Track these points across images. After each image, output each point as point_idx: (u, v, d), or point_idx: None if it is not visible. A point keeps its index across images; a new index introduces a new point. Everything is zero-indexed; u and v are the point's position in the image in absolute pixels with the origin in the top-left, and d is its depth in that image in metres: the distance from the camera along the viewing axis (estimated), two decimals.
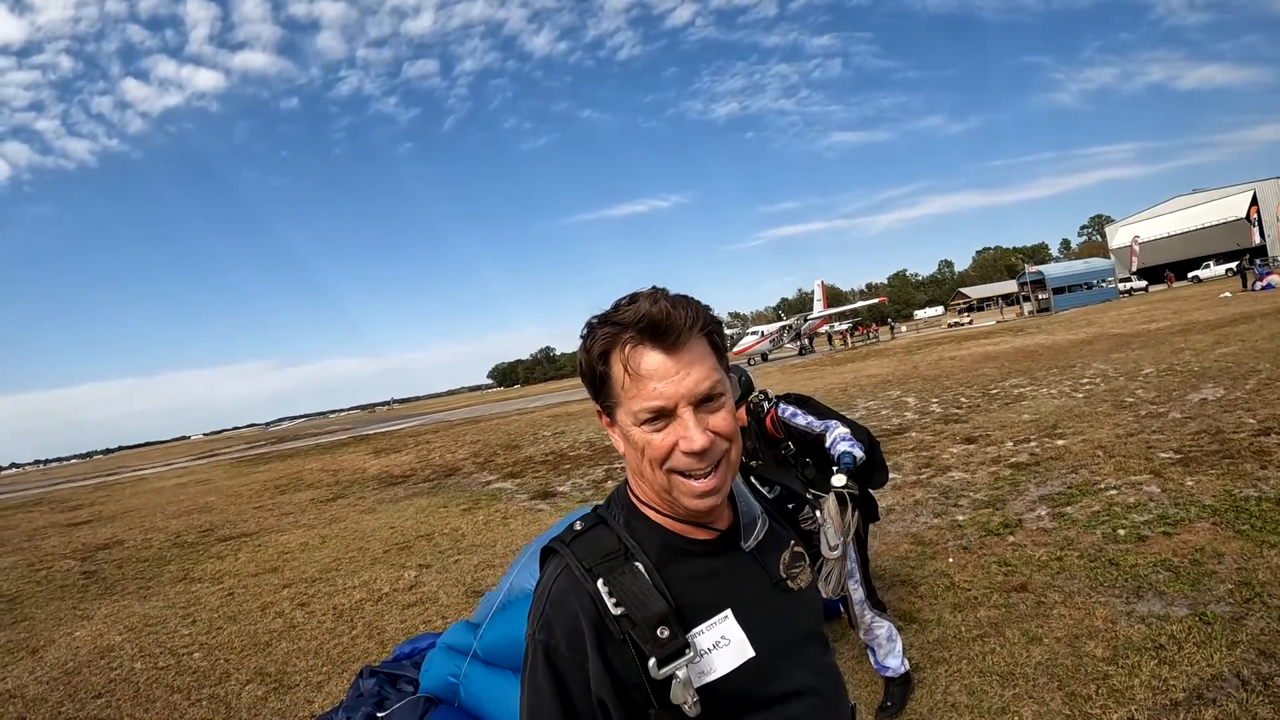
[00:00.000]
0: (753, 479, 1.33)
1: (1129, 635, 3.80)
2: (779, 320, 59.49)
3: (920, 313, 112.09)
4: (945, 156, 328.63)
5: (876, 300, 69.41)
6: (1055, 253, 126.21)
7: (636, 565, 1.07)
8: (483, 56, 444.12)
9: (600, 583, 1.05)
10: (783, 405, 3.92)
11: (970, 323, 55.88)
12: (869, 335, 61.42)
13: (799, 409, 3.87)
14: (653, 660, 0.99)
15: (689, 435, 1.03)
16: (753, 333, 53.03)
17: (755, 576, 1.16)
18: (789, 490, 1.34)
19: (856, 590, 3.77)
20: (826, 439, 3.68)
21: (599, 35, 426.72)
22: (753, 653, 1.08)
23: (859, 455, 3.48)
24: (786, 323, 54.66)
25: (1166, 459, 6.92)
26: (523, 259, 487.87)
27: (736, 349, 49.59)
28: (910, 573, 5.25)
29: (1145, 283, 59.10)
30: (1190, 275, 56.76)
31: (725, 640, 1.08)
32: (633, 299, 1.07)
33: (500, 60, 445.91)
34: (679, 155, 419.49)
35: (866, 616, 3.75)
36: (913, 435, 10.79)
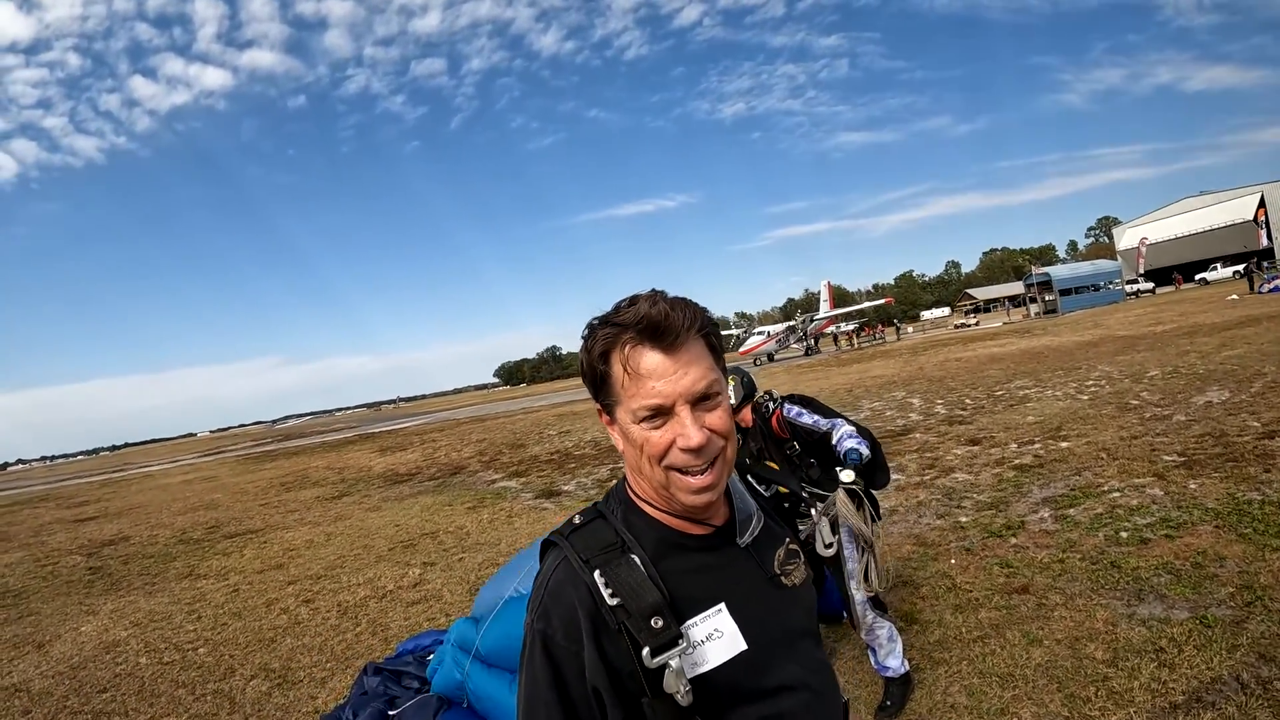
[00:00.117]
0: (749, 477, 1.35)
1: (1129, 638, 3.80)
2: (785, 321, 59.43)
3: (927, 313, 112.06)
4: (952, 157, 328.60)
5: (883, 301, 69.35)
6: (1062, 254, 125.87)
7: (633, 558, 1.10)
8: (490, 55, 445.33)
9: (597, 574, 1.07)
10: (788, 405, 3.93)
11: (977, 324, 55.77)
12: (874, 336, 61.40)
13: (804, 409, 3.88)
14: (646, 649, 1.02)
15: (686, 432, 1.06)
16: (759, 333, 53.01)
17: (750, 572, 1.19)
18: (785, 489, 1.36)
19: (859, 591, 3.79)
20: (833, 436, 3.69)
21: (606, 35, 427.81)
22: (745, 646, 1.10)
23: (865, 453, 3.51)
24: (792, 323, 54.61)
25: (1170, 462, 6.91)
26: (529, 258, 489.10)
27: (743, 349, 49.63)
28: (912, 574, 5.26)
29: (1152, 285, 58.91)
30: (1197, 277, 56.56)
31: (718, 633, 1.10)
32: (633, 301, 1.10)
33: (507, 59, 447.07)
34: (686, 155, 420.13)
35: (868, 617, 3.76)
36: (917, 436, 10.79)
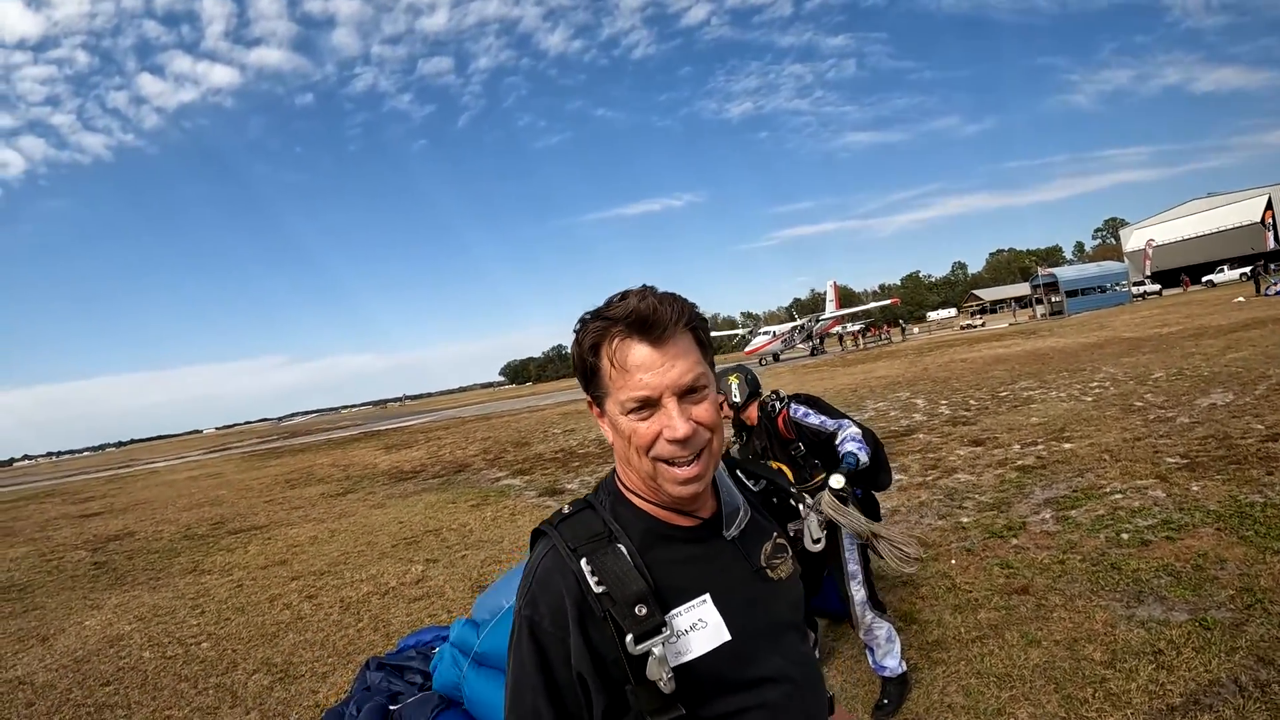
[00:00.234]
0: (738, 472, 1.36)
1: (1128, 640, 3.80)
2: (791, 320, 59.34)
3: (933, 314, 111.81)
4: (959, 157, 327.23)
5: (889, 301, 69.25)
6: (1069, 255, 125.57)
7: (619, 547, 1.12)
8: (497, 54, 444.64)
9: (584, 562, 1.10)
10: (794, 405, 3.92)
11: (982, 325, 55.60)
12: (880, 336, 61.31)
13: (810, 409, 3.87)
14: (630, 636, 1.04)
15: (673, 424, 1.08)
16: (764, 333, 52.94)
17: (736, 564, 1.20)
18: (774, 484, 1.38)
19: (859, 591, 3.80)
20: (838, 437, 3.70)
21: (614, 34, 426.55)
22: (729, 636, 1.12)
23: (863, 460, 3.50)
24: (798, 323, 54.51)
25: (1173, 464, 6.89)
26: (536, 257, 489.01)
27: (748, 349, 49.59)
28: (912, 573, 5.26)
29: (1159, 286, 58.71)
30: (1204, 279, 56.36)
31: (702, 623, 1.12)
32: (623, 296, 1.13)
33: (515, 58, 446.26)
34: (692, 154, 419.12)
35: (867, 617, 3.77)
36: (920, 437, 10.78)
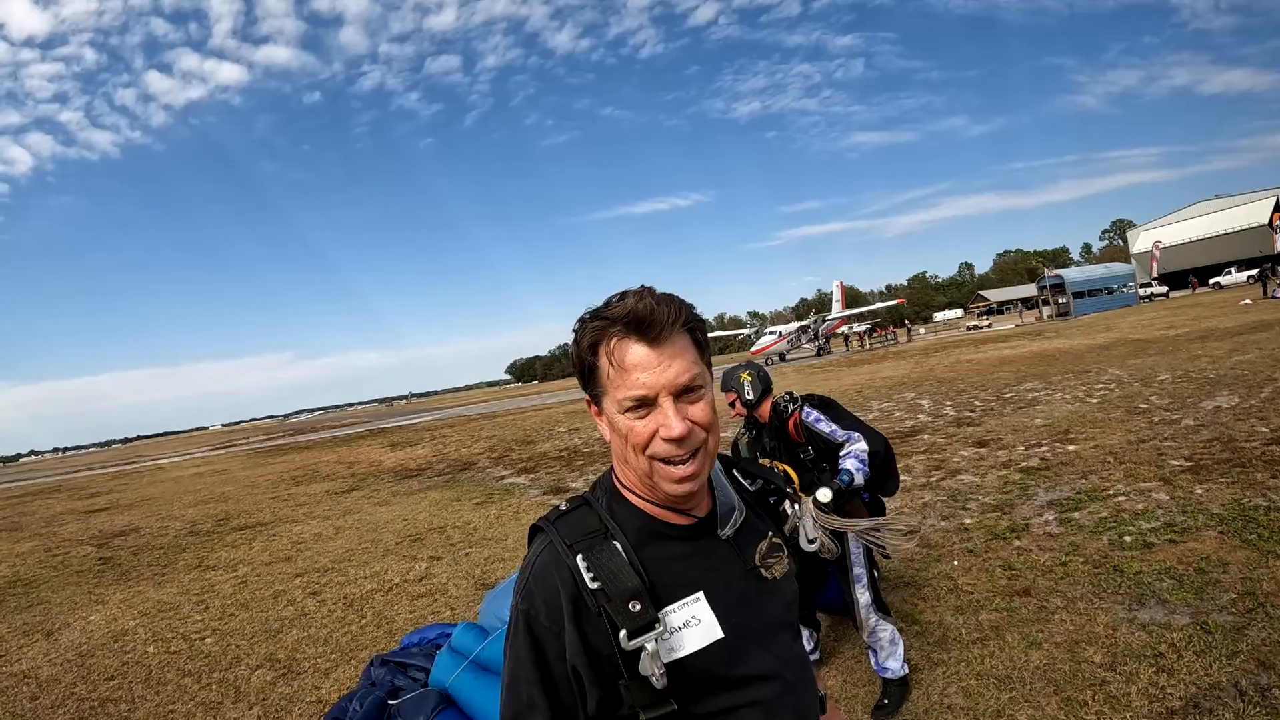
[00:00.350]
0: (735, 471, 1.37)
1: (1129, 642, 3.80)
2: (797, 320, 59.27)
3: (939, 315, 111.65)
4: (967, 158, 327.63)
5: (895, 302, 69.10)
6: (1076, 257, 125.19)
7: (614, 544, 1.14)
8: (505, 53, 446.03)
9: (580, 558, 1.11)
10: (807, 409, 3.86)
11: (989, 326, 55.47)
12: (886, 337, 61.18)
13: (822, 414, 3.82)
14: (623, 632, 1.06)
15: (668, 423, 1.09)
16: (770, 332, 52.92)
17: (730, 563, 1.22)
18: (771, 484, 1.39)
19: (864, 594, 3.80)
20: (844, 449, 3.69)
21: (621, 33, 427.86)
22: (721, 634, 1.13)
23: (858, 481, 3.54)
24: (805, 323, 54.46)
25: (1177, 466, 6.87)
26: (543, 255, 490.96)
27: (754, 348, 49.57)
28: (915, 575, 5.26)
29: (1166, 288, 58.46)
30: (1211, 281, 56.10)
31: (695, 620, 1.13)
32: (622, 296, 1.14)
33: (522, 57, 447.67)
34: (700, 154, 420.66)
35: (871, 619, 3.78)
36: (925, 438, 10.76)
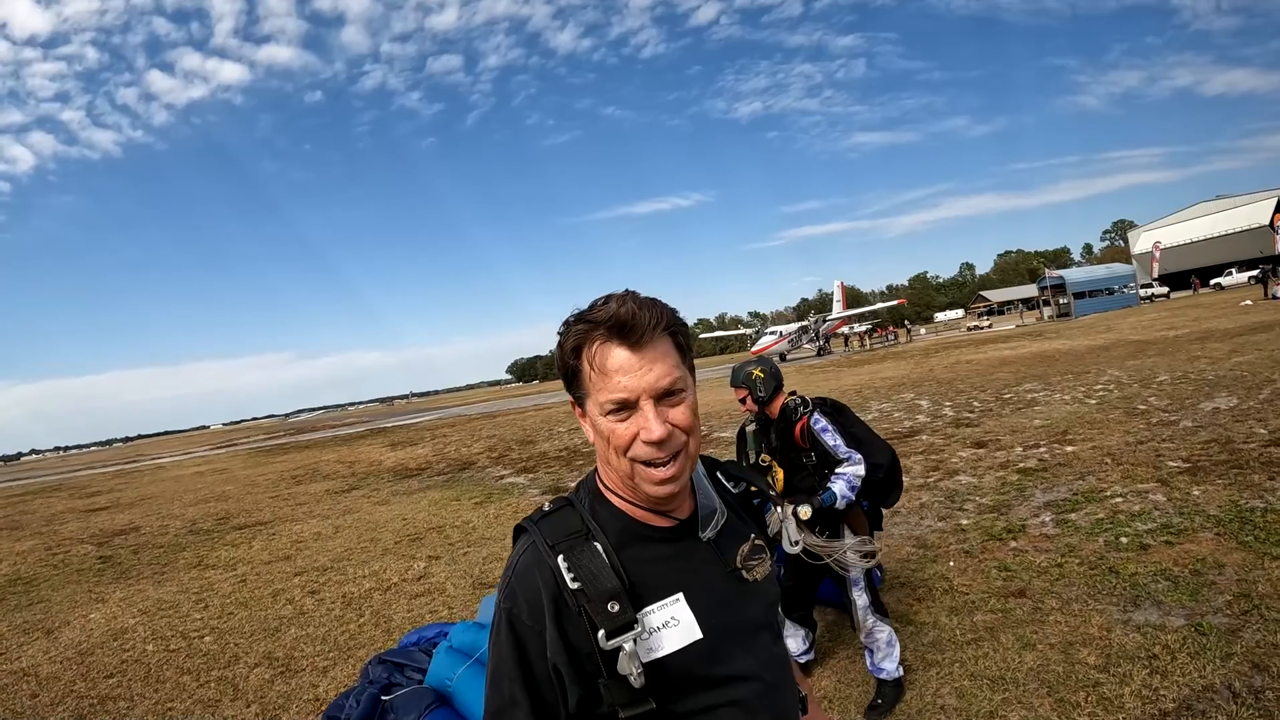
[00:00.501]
0: (719, 473, 1.39)
1: (1123, 644, 3.81)
2: (798, 320, 59.25)
3: (940, 315, 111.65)
4: (968, 158, 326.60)
5: (896, 302, 69.10)
6: (1077, 257, 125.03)
7: (595, 545, 1.15)
8: (506, 53, 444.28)
9: (561, 559, 1.13)
10: (816, 416, 3.80)
11: (989, 326, 55.40)
12: (886, 337, 61.18)
13: (831, 424, 3.77)
14: (602, 632, 1.07)
15: (649, 426, 1.11)
16: (771, 332, 52.93)
17: (711, 565, 1.23)
18: (755, 486, 1.40)
19: (861, 596, 3.81)
20: (840, 467, 3.71)
21: (623, 33, 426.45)
22: (700, 635, 1.15)
23: (839, 505, 3.63)
24: (805, 323, 54.46)
25: (1174, 468, 6.88)
26: (544, 255, 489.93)
27: (754, 348, 49.58)
28: (911, 575, 5.27)
29: (1167, 289, 58.44)
30: (1212, 282, 56.07)
31: (675, 621, 1.15)
32: (605, 300, 1.16)
33: (524, 57, 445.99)
34: (702, 154, 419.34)
35: (869, 621, 3.79)
36: (923, 438, 10.77)
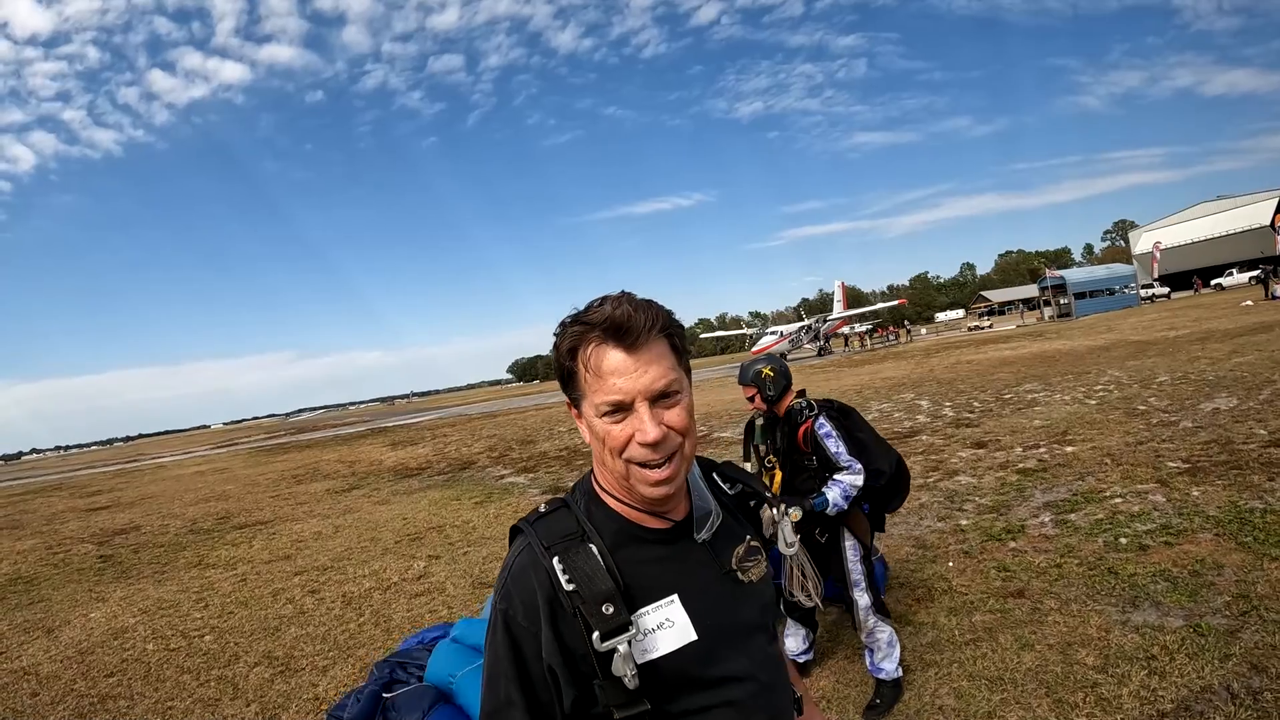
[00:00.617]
0: (715, 475, 1.39)
1: (1122, 645, 3.81)
2: (799, 320, 59.20)
3: (941, 315, 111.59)
4: (969, 158, 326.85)
5: (896, 302, 69.04)
6: (1078, 257, 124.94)
7: (590, 547, 1.16)
8: (508, 52, 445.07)
9: (556, 560, 1.14)
10: (821, 420, 3.78)
11: (990, 327, 55.36)
12: (887, 337, 61.14)
13: (835, 429, 3.75)
14: (596, 634, 1.08)
15: (644, 428, 1.11)
16: (771, 332, 52.89)
17: (706, 566, 1.24)
18: (750, 488, 1.40)
19: (862, 597, 3.82)
20: (838, 474, 3.71)
21: (624, 32, 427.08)
22: (695, 636, 1.15)
23: (830, 512, 3.66)
24: (806, 323, 54.42)
25: (1174, 468, 6.88)
26: (545, 255, 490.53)
27: (755, 348, 49.54)
28: (910, 575, 5.27)
29: (1168, 289, 58.41)
30: (1213, 282, 56.04)
31: (669, 622, 1.15)
32: (602, 301, 1.16)
33: (525, 56, 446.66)
34: (703, 154, 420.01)
35: (870, 621, 3.80)
36: (923, 439, 10.77)
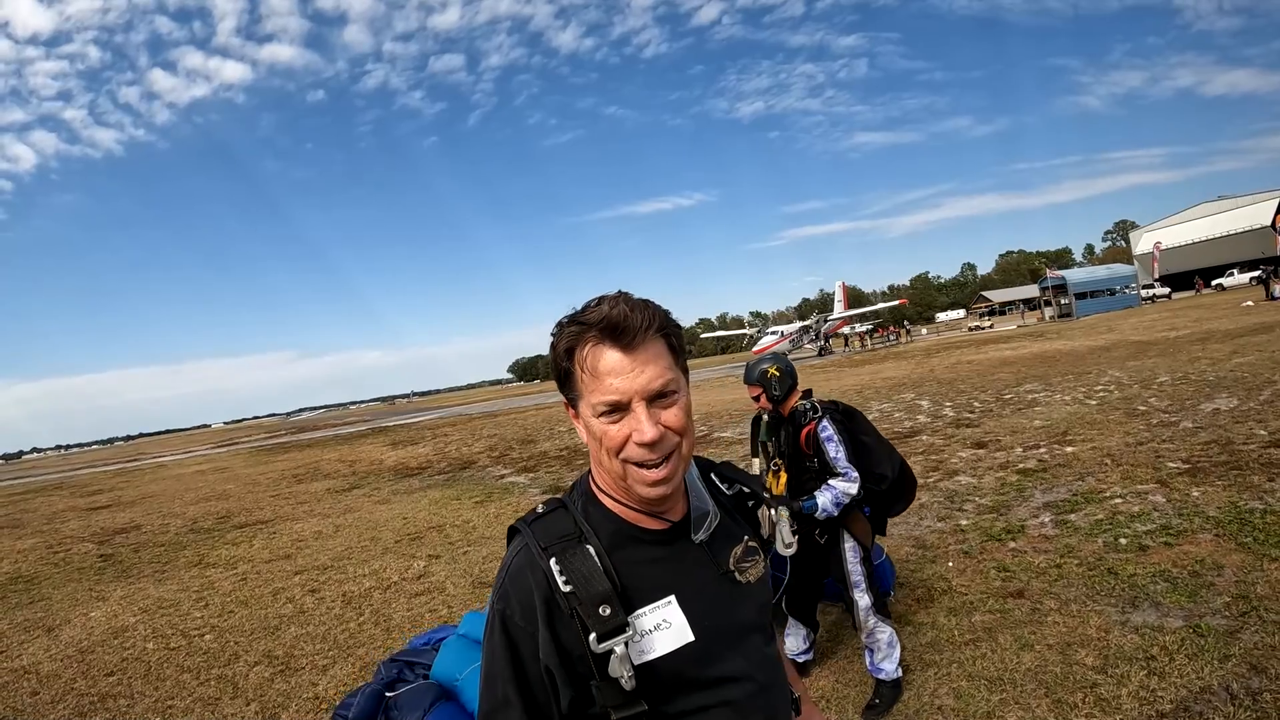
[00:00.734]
0: (713, 475, 1.39)
1: (1121, 645, 3.81)
2: (800, 320, 59.17)
3: (941, 315, 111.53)
4: (970, 159, 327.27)
5: (898, 302, 69.03)
6: (1079, 258, 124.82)
7: (588, 548, 1.16)
8: (509, 52, 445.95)
9: (553, 561, 1.13)
10: (824, 424, 3.77)
11: (991, 327, 55.34)
12: (887, 337, 61.11)
13: (837, 433, 3.74)
14: (593, 635, 1.08)
15: (641, 428, 1.11)
16: (772, 332, 52.90)
17: (703, 567, 1.23)
18: (748, 488, 1.40)
19: (862, 598, 3.82)
20: (833, 478, 3.71)
21: (625, 32, 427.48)
22: (692, 637, 1.15)
23: (818, 515, 3.66)
24: (806, 323, 54.40)
25: (1174, 469, 6.88)
26: (545, 255, 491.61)
27: (756, 348, 49.55)
28: (909, 575, 5.27)
29: (1169, 289, 58.37)
30: (1214, 283, 56.01)
31: (666, 623, 1.15)
32: (599, 301, 1.16)
33: (526, 56, 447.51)
34: (703, 153, 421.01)
35: (870, 621, 3.80)
36: (924, 439, 10.77)
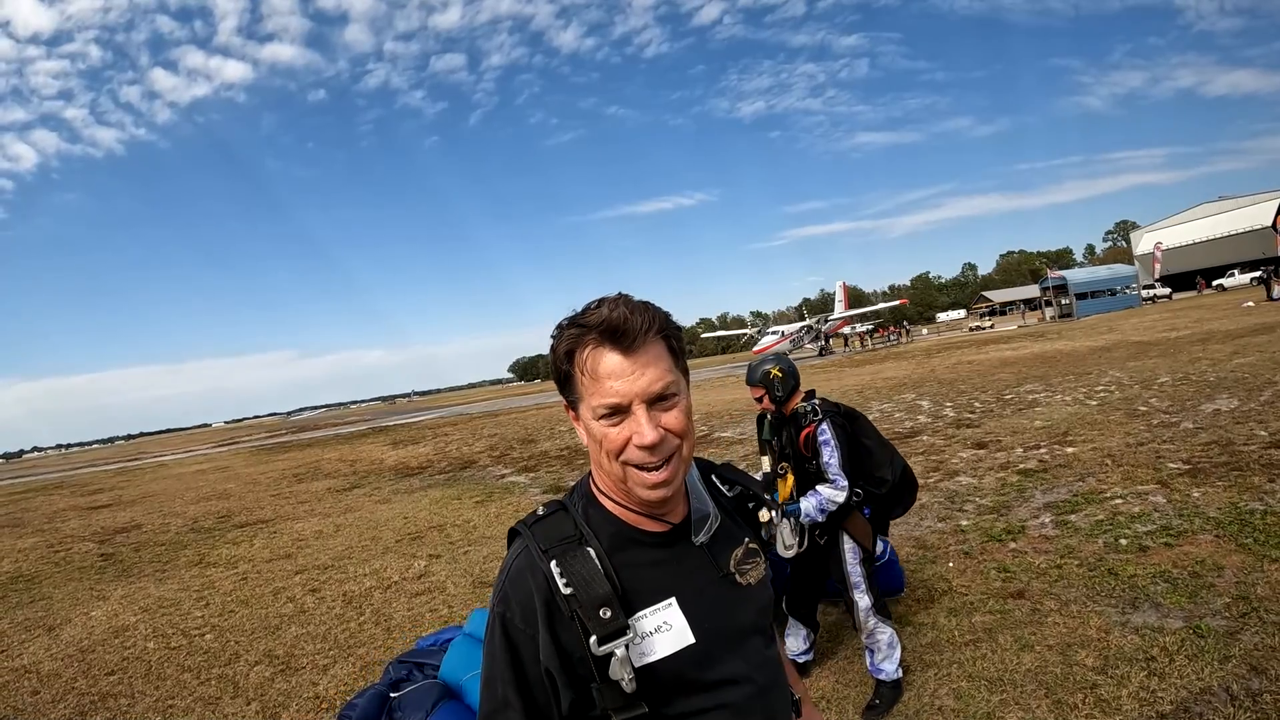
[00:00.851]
0: (713, 476, 1.39)
1: (1121, 646, 3.81)
2: (800, 320, 59.14)
3: (942, 315, 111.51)
4: (971, 159, 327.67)
5: (898, 302, 69.02)
6: (1080, 258, 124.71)
7: (588, 550, 1.16)
8: (510, 52, 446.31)
9: (554, 564, 1.13)
10: (822, 427, 3.75)
11: (991, 327, 55.31)
12: (888, 337, 61.08)
13: (835, 437, 3.73)
14: (594, 638, 1.08)
15: (641, 430, 1.11)
16: (773, 332, 52.88)
17: (703, 569, 1.23)
18: (749, 490, 1.40)
19: (863, 599, 3.82)
20: (824, 481, 3.72)
21: (627, 32, 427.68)
22: (693, 639, 1.15)
23: (802, 519, 3.67)
24: (807, 323, 54.38)
25: (1175, 469, 6.88)
26: (546, 254, 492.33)
27: (756, 348, 49.56)
28: (909, 576, 5.26)
29: (1169, 290, 58.35)
30: (1215, 283, 55.99)
31: (667, 625, 1.15)
32: (599, 303, 1.16)
33: (527, 56, 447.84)
34: (705, 153, 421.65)
35: (870, 622, 3.80)
36: (924, 439, 10.77)
